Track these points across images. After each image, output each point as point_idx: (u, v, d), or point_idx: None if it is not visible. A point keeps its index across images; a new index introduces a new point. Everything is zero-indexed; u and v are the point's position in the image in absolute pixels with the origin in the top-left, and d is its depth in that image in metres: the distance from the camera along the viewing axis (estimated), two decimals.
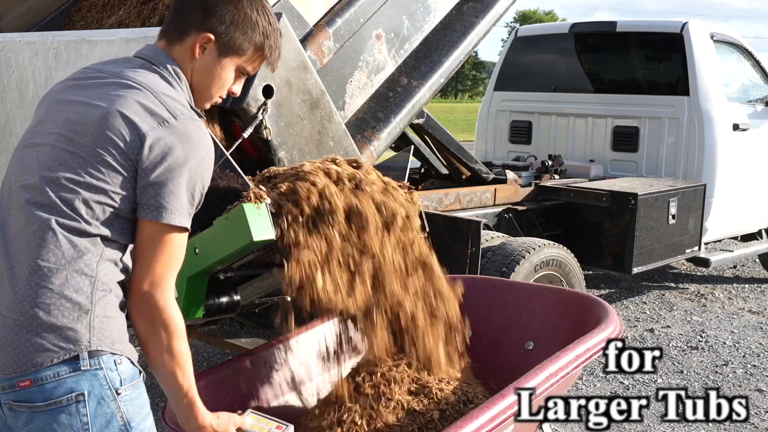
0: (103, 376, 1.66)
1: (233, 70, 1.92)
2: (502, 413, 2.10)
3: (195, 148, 1.72)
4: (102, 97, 1.73)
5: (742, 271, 7.70)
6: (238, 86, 1.98)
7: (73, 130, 1.71)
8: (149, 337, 1.70)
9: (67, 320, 1.63)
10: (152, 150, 1.68)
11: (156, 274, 1.69)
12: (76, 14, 4.27)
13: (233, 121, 3.06)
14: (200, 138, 1.75)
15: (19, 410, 1.65)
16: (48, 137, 1.73)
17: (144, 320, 1.70)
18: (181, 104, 1.78)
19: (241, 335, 4.54)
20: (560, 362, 2.35)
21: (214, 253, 2.41)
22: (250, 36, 1.90)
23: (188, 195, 1.71)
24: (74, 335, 1.64)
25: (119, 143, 1.68)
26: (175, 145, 1.69)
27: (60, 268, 1.64)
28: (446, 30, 4.03)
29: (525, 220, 5.10)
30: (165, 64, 1.84)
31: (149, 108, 1.71)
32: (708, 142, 5.87)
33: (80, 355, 1.64)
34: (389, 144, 3.80)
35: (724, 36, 6.35)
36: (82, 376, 1.64)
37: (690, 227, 5.53)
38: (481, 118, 7.13)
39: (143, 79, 1.77)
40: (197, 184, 1.74)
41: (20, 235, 1.68)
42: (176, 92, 1.81)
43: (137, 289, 1.69)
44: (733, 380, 4.72)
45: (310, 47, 3.30)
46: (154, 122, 1.70)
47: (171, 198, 1.68)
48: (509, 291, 3.16)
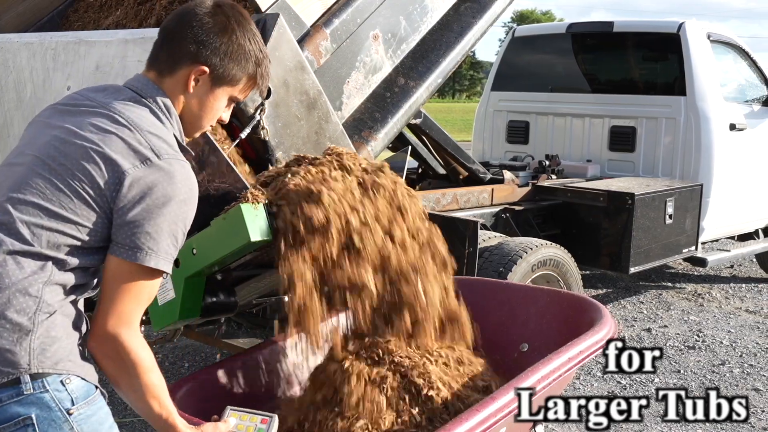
0: (50, 398, 1.60)
1: (225, 100, 1.91)
2: (492, 416, 2.10)
3: (177, 189, 1.68)
4: (86, 128, 1.70)
5: (739, 271, 7.71)
6: (227, 114, 1.96)
7: (52, 156, 1.68)
8: (118, 376, 1.67)
9: (6, 342, 1.57)
10: (131, 189, 1.64)
11: (123, 313, 1.64)
12: (73, 15, 4.27)
13: (231, 122, 3.06)
14: (184, 179, 1.71)
15: None
16: (26, 158, 1.71)
17: (109, 360, 1.66)
18: (168, 143, 1.73)
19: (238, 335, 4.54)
20: (553, 364, 2.35)
21: (211, 253, 2.41)
22: (243, 66, 1.88)
23: (169, 238, 1.67)
24: (12, 357, 1.57)
25: (97, 179, 1.64)
26: (157, 185, 1.65)
27: (3, 288, 1.59)
28: (443, 30, 4.04)
29: (522, 220, 5.10)
30: (155, 97, 1.80)
31: (132, 146, 1.67)
32: (705, 142, 5.88)
33: (21, 379, 1.58)
34: (386, 144, 3.80)
35: (720, 36, 6.36)
36: (26, 399, 1.58)
37: (687, 227, 5.54)
38: (478, 118, 7.14)
39: (131, 115, 1.73)
40: (179, 227, 1.69)
41: None
42: (164, 129, 1.77)
43: (101, 328, 1.64)
44: (730, 380, 4.73)
45: (307, 48, 3.30)
46: (136, 161, 1.66)
47: (147, 239, 1.64)
48: (504, 292, 3.16)
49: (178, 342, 4.78)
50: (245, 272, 2.78)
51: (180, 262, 2.46)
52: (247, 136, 2.98)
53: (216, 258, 2.42)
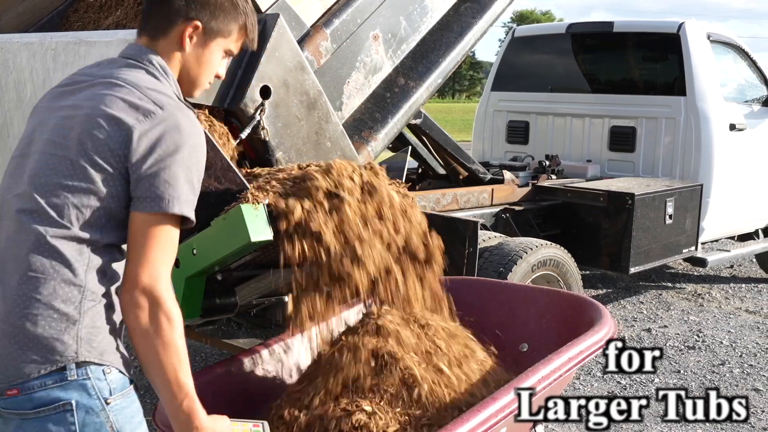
0: (91, 386, 1.64)
1: (221, 53, 1.93)
2: (493, 416, 2.10)
3: (185, 136, 1.70)
4: (87, 99, 1.73)
5: (738, 271, 7.71)
6: (223, 69, 1.99)
7: (61, 135, 1.70)
8: (148, 331, 1.63)
9: (54, 331, 1.62)
10: (140, 143, 1.66)
11: (155, 266, 1.64)
12: (73, 15, 4.26)
13: (231, 122, 3.06)
14: (190, 126, 1.73)
15: (8, 417, 1.65)
16: (38, 145, 1.73)
17: (143, 312, 1.63)
18: (168, 96, 1.76)
19: (238, 335, 4.54)
20: (553, 365, 2.35)
21: (211, 253, 2.42)
22: (234, 16, 1.91)
23: (187, 184, 1.69)
24: (61, 346, 1.62)
25: (106, 141, 1.66)
26: (165, 135, 1.67)
27: (48, 278, 1.63)
28: (443, 30, 4.04)
29: (522, 220, 5.10)
30: (150, 59, 1.82)
31: (134, 103, 1.70)
32: (705, 142, 5.88)
33: (67, 366, 1.62)
34: (387, 144, 3.80)
35: (720, 36, 6.36)
36: (69, 385, 1.63)
37: (687, 227, 5.54)
38: (478, 118, 7.14)
39: (127, 77, 1.76)
40: (193, 173, 1.71)
41: (10, 245, 1.68)
42: (162, 85, 1.79)
43: (135, 282, 1.63)
44: (730, 380, 4.73)
45: (307, 48, 3.30)
46: (139, 115, 1.68)
47: (166, 187, 1.66)
48: (504, 293, 3.16)
49: None
50: (245, 272, 2.78)
51: (180, 262, 2.46)
52: (247, 136, 2.98)
53: (216, 258, 2.42)
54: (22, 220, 1.67)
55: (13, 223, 1.69)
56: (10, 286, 1.65)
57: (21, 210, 1.68)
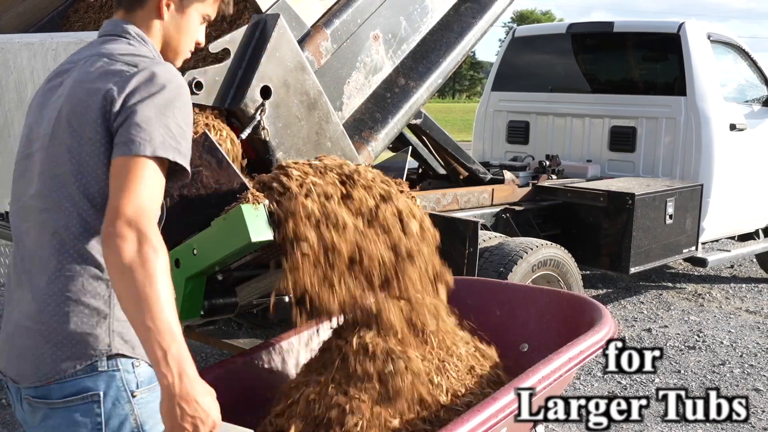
0: (120, 378, 1.66)
1: (199, 18, 1.90)
2: (493, 416, 2.11)
3: (161, 82, 1.66)
4: (71, 83, 1.73)
5: (739, 271, 7.71)
6: (202, 35, 1.96)
7: (57, 126, 1.71)
8: (132, 265, 1.49)
9: (87, 326, 1.64)
10: (116, 102, 1.63)
11: (139, 198, 1.54)
12: (74, 15, 4.27)
13: (231, 122, 3.06)
14: (166, 74, 1.69)
15: (37, 406, 1.67)
16: (39, 142, 1.74)
17: (127, 244, 1.50)
18: (143, 55, 1.73)
19: (239, 335, 4.54)
20: (553, 365, 2.35)
21: (212, 254, 2.42)
22: None
23: (162, 128, 1.61)
24: (95, 341, 1.64)
25: (92, 113, 1.65)
26: (139, 86, 1.64)
27: (75, 274, 1.64)
28: (444, 31, 4.04)
29: (522, 220, 5.10)
30: (125, 29, 1.81)
31: (109, 70, 1.68)
32: (705, 142, 5.88)
33: (99, 358, 1.64)
34: (387, 145, 3.80)
35: (720, 36, 6.36)
36: (98, 376, 1.64)
37: (687, 227, 5.54)
38: (478, 118, 7.14)
39: (102, 50, 1.76)
40: (169, 117, 1.63)
41: (36, 246, 1.69)
42: (137, 50, 1.76)
43: (117, 213, 1.53)
44: (731, 380, 4.74)
45: (307, 48, 3.30)
46: (115, 78, 1.66)
47: (137, 131, 1.59)
48: (504, 293, 3.16)
49: None
50: (246, 272, 2.78)
51: (180, 262, 2.46)
52: (248, 136, 2.98)
53: (217, 258, 2.42)
54: (43, 220, 1.68)
55: (36, 224, 1.70)
56: (40, 287, 1.66)
57: (38, 209, 1.69)
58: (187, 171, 1.68)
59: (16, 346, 1.70)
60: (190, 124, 1.71)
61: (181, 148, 1.64)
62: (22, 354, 1.67)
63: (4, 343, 1.75)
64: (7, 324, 1.76)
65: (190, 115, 1.71)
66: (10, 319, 1.75)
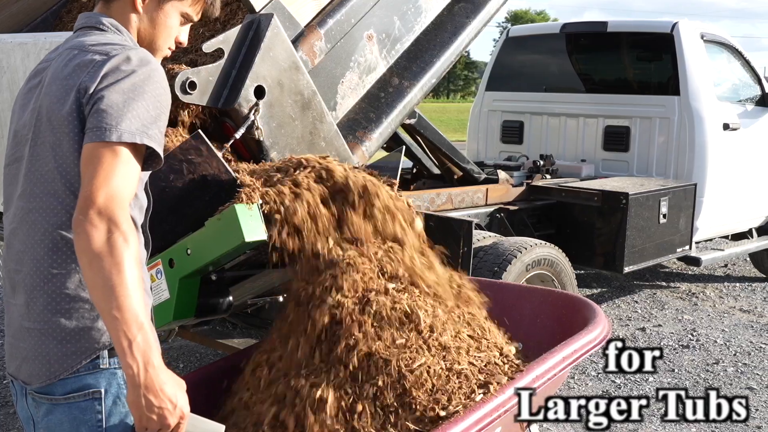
0: (122, 375, 1.65)
1: (177, 16, 1.88)
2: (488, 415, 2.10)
3: (128, 68, 1.63)
4: (47, 81, 1.72)
5: (732, 270, 7.74)
6: (184, 35, 1.94)
7: (38, 125, 1.70)
8: (101, 252, 1.47)
9: (88, 321, 1.65)
10: (89, 91, 1.62)
11: (111, 186, 1.51)
12: (67, 15, 4.26)
13: (225, 122, 3.06)
14: (138, 58, 1.66)
15: (40, 401, 1.68)
16: (26, 144, 1.73)
17: (97, 232, 1.48)
18: (115, 44, 1.71)
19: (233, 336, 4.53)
20: (547, 364, 2.35)
21: (206, 253, 2.42)
22: None
23: (130, 113, 1.58)
24: (97, 334, 1.65)
25: (68, 109, 1.64)
26: (108, 73, 1.62)
27: (71, 271, 1.64)
28: (437, 30, 4.04)
29: (517, 219, 5.11)
30: (99, 21, 1.79)
31: (80, 63, 1.67)
32: (698, 142, 5.90)
33: (100, 354, 1.65)
34: (381, 144, 3.80)
35: (713, 36, 6.38)
36: (100, 374, 1.65)
37: (681, 226, 5.56)
38: (472, 118, 7.15)
39: (74, 43, 1.75)
40: (138, 102, 1.60)
41: (25, 246, 1.69)
42: (110, 38, 1.74)
43: (89, 200, 1.50)
44: (725, 378, 4.75)
45: (301, 48, 3.30)
46: (87, 69, 1.65)
47: (104, 116, 1.56)
48: (498, 292, 3.16)
49: (172, 342, 4.77)
50: (240, 272, 2.78)
51: (174, 262, 2.46)
52: (242, 136, 2.98)
53: (211, 258, 2.42)
54: (31, 220, 1.68)
55: (24, 225, 1.70)
56: (37, 287, 1.66)
57: (26, 210, 1.69)
58: (159, 157, 1.66)
59: (22, 348, 1.70)
60: (163, 108, 1.67)
61: (149, 131, 1.60)
62: (29, 356, 1.68)
63: (11, 347, 1.75)
64: (9, 328, 1.76)
65: (163, 100, 1.68)
66: (11, 324, 1.75)
